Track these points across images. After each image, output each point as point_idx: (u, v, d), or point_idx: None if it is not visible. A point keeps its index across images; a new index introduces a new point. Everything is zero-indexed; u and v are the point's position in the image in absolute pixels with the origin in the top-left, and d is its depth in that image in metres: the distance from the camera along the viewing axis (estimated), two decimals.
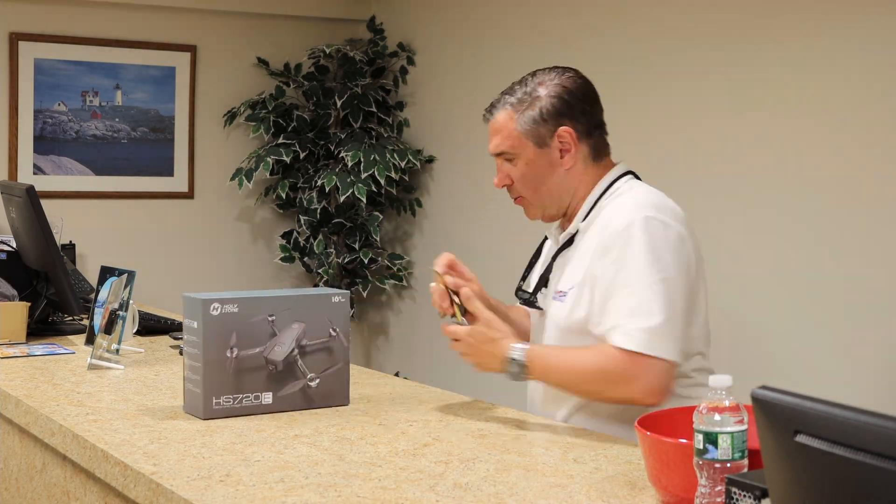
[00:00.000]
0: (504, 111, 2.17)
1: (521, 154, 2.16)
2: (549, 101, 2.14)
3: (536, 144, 2.15)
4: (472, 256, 4.89)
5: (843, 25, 3.39)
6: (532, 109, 2.14)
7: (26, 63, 4.70)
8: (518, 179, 2.18)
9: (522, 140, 2.15)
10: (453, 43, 4.98)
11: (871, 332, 3.33)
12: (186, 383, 2.11)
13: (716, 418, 1.42)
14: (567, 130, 2.14)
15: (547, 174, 2.16)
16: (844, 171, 3.40)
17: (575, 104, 2.16)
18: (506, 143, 2.17)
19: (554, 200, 2.18)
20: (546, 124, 2.14)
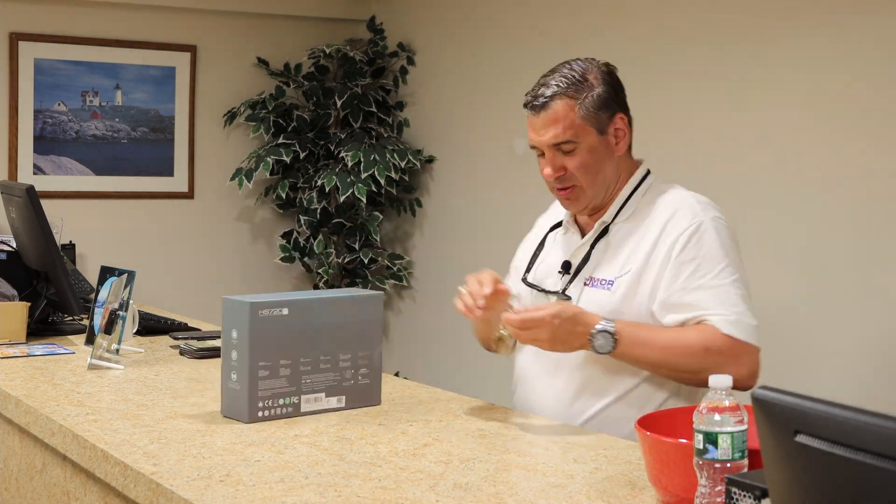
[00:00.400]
0: (561, 101, 2.15)
1: (583, 141, 2.16)
2: (604, 89, 2.17)
3: (598, 131, 2.17)
4: (473, 256, 4.90)
5: (844, 26, 3.39)
6: (590, 98, 2.15)
7: (26, 63, 4.70)
8: (576, 167, 2.16)
9: (586, 127, 2.15)
10: (453, 43, 4.98)
11: (871, 332, 3.33)
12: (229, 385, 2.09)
13: (716, 418, 1.43)
14: (621, 117, 2.19)
15: (605, 160, 2.18)
16: (844, 170, 3.40)
17: (621, 92, 2.22)
18: (569, 132, 2.15)
19: (605, 187, 2.20)
20: (605, 111, 2.17)
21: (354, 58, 5.07)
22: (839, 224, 3.41)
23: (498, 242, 4.80)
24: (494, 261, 5.18)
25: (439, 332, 5.01)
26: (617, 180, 2.21)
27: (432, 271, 5.14)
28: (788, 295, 3.55)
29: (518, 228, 2.59)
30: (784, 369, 3.54)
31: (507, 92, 4.65)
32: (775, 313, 3.58)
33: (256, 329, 2.04)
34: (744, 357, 2.04)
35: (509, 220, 4.62)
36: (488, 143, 4.77)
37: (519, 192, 4.53)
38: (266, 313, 2.05)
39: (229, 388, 2.09)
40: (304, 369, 2.10)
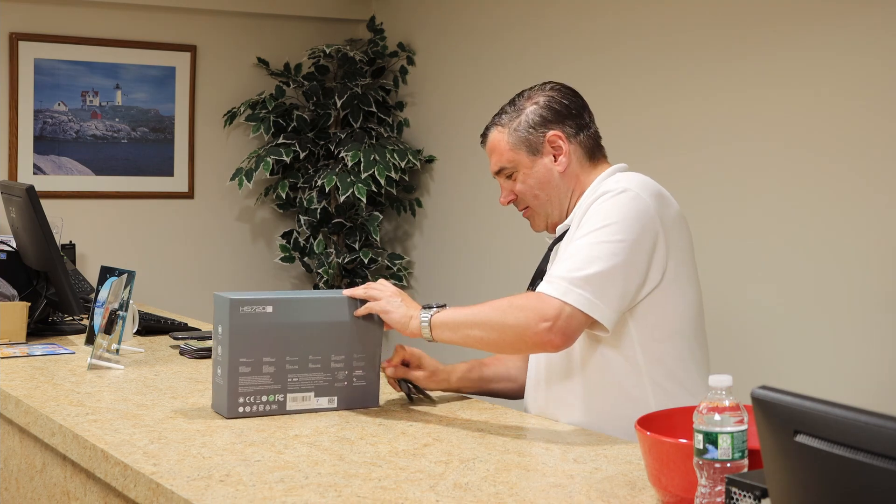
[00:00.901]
0: (495, 130, 2.27)
1: (519, 165, 2.24)
2: (535, 111, 2.24)
3: (530, 152, 2.23)
4: (472, 256, 4.91)
5: (845, 28, 3.40)
6: (518, 122, 2.24)
7: (26, 63, 4.70)
8: (520, 191, 2.25)
9: (516, 152, 2.24)
10: (453, 43, 4.98)
11: (871, 332, 3.33)
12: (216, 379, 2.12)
13: (716, 418, 1.43)
14: (556, 134, 2.22)
15: (545, 179, 2.23)
16: (844, 172, 3.40)
17: (561, 109, 2.24)
18: (503, 159, 2.25)
19: (555, 204, 2.24)
20: (535, 132, 2.22)
21: (354, 58, 5.07)
22: (840, 224, 3.41)
23: (498, 242, 4.82)
24: (494, 260, 5.19)
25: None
26: (570, 193, 2.23)
27: (432, 271, 5.14)
28: (788, 295, 3.55)
29: (518, 228, 2.60)
30: (784, 369, 3.54)
31: (506, 92, 4.63)
32: (775, 313, 3.58)
33: (237, 325, 2.05)
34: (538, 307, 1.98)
35: (509, 220, 4.62)
36: None
37: None
38: (248, 310, 2.06)
39: (215, 383, 2.12)
40: (290, 368, 2.11)
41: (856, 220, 3.37)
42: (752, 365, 3.54)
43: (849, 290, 3.39)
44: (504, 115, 2.27)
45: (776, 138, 3.59)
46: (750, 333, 3.59)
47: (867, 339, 3.34)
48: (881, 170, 3.31)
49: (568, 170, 2.22)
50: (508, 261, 4.57)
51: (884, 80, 3.29)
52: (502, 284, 4.59)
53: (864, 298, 3.35)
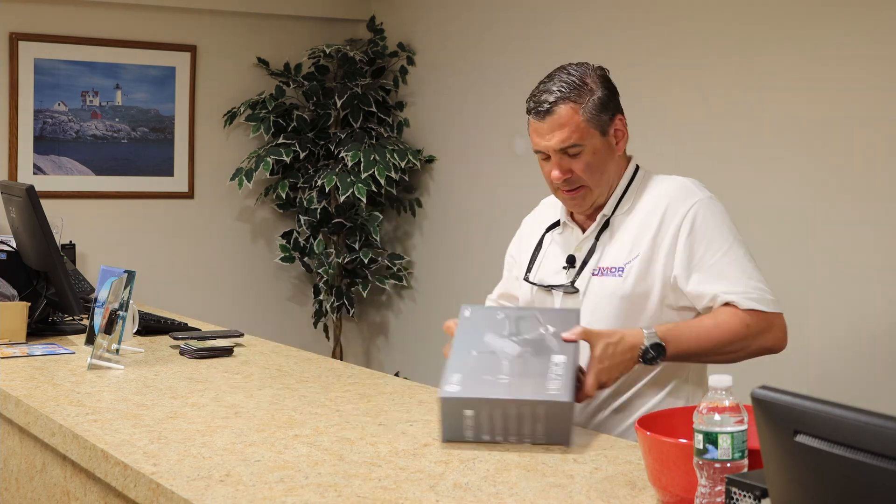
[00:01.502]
0: (566, 105, 2.20)
1: (588, 144, 2.21)
2: (603, 92, 2.23)
3: (601, 133, 2.22)
4: (473, 256, 4.90)
5: (847, 26, 3.40)
6: (591, 101, 2.21)
7: (26, 63, 4.70)
8: (583, 169, 2.22)
9: (590, 130, 2.21)
10: (453, 43, 4.98)
11: (871, 332, 3.33)
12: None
13: (716, 418, 1.43)
14: (621, 118, 2.26)
15: (608, 161, 2.25)
16: (845, 170, 3.40)
17: (616, 94, 2.27)
18: (574, 136, 2.20)
19: (608, 185, 2.27)
20: (606, 113, 2.23)
21: (354, 58, 5.07)
22: (840, 223, 3.41)
23: (498, 242, 4.80)
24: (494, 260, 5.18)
25: (439, 332, 4.99)
26: (617, 177, 2.28)
27: (432, 271, 5.14)
28: (789, 294, 3.55)
29: (518, 228, 2.60)
30: (784, 369, 3.54)
31: (507, 92, 4.65)
32: None
33: None
34: (774, 326, 2.17)
35: (509, 220, 4.61)
36: (488, 143, 4.77)
37: (519, 192, 4.52)
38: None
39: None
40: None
41: (857, 219, 3.37)
42: (752, 365, 3.53)
43: (849, 289, 3.39)
44: (571, 91, 2.21)
45: (774, 136, 3.59)
46: None
47: (868, 338, 3.34)
48: (882, 168, 3.31)
49: (622, 155, 2.28)
50: None
51: (885, 79, 3.29)
52: None
53: (865, 298, 3.35)
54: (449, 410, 1.90)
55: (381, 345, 5.42)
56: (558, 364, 1.97)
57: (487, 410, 1.89)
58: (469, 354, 2.01)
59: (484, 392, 1.90)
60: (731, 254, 2.16)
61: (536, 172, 2.31)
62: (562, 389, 1.90)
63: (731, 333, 2.13)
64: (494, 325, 2.09)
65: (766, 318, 2.15)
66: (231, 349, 2.84)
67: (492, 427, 1.90)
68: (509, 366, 1.97)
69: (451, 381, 1.93)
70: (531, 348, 2.02)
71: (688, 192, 2.21)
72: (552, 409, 1.88)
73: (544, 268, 2.34)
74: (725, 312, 2.13)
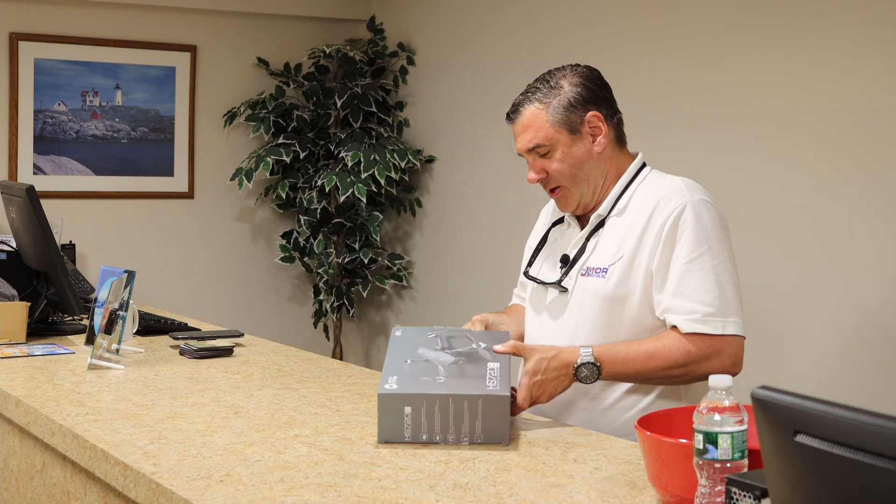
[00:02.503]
0: (531, 106, 2.23)
1: (556, 144, 2.22)
2: (574, 90, 2.22)
3: (570, 132, 2.21)
4: (473, 256, 4.90)
5: (843, 28, 3.40)
6: (559, 99, 2.21)
7: (26, 63, 4.70)
8: (555, 170, 2.23)
9: (556, 130, 2.21)
10: (453, 43, 4.98)
11: (871, 332, 3.33)
12: None
13: (716, 418, 1.43)
14: (595, 114, 2.22)
15: (583, 160, 2.23)
16: (847, 170, 3.40)
17: (596, 90, 2.25)
18: (539, 136, 2.22)
19: (590, 185, 2.25)
20: (576, 111, 2.21)
21: (354, 58, 5.07)
22: (841, 223, 3.41)
23: (498, 242, 4.82)
24: (494, 260, 5.19)
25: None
26: (605, 176, 2.25)
27: (432, 271, 5.14)
28: (789, 294, 3.55)
29: (518, 228, 2.60)
30: (784, 369, 3.54)
31: (506, 92, 4.65)
32: (775, 313, 3.58)
33: None
34: (723, 352, 2.10)
35: (509, 219, 4.62)
36: (488, 143, 4.77)
37: (519, 191, 4.53)
38: None
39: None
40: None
41: (858, 219, 3.37)
42: (752, 365, 3.53)
43: (849, 289, 3.39)
44: (539, 92, 2.23)
45: (776, 133, 3.59)
46: (750, 333, 3.58)
47: (868, 338, 3.34)
48: (884, 169, 3.30)
49: (604, 151, 2.24)
50: (509, 260, 4.57)
51: (880, 79, 3.29)
52: (502, 284, 4.59)
53: (865, 298, 3.35)
54: (387, 408, 1.91)
55: (381, 345, 5.42)
56: (493, 369, 2.00)
57: (426, 407, 1.91)
58: (404, 363, 2.03)
59: (423, 389, 1.93)
60: (698, 262, 2.11)
61: None
62: (499, 387, 1.94)
63: (670, 360, 2.09)
64: (426, 342, 2.11)
65: (712, 343, 2.09)
66: (231, 349, 2.84)
67: (431, 426, 1.91)
68: (445, 370, 2.00)
69: (388, 381, 1.96)
70: (465, 358, 2.05)
71: (678, 192, 2.17)
72: (490, 404, 1.90)
73: (545, 263, 2.36)
74: (670, 337, 2.11)
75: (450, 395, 1.91)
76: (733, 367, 2.11)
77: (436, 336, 2.13)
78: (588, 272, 2.22)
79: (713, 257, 2.12)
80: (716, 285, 2.10)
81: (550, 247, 2.38)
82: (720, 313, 2.10)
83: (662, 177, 2.26)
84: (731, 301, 2.12)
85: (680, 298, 2.10)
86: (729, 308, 2.11)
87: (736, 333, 2.11)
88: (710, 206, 2.17)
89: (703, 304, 2.09)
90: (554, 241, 2.38)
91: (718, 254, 2.13)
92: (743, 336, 2.13)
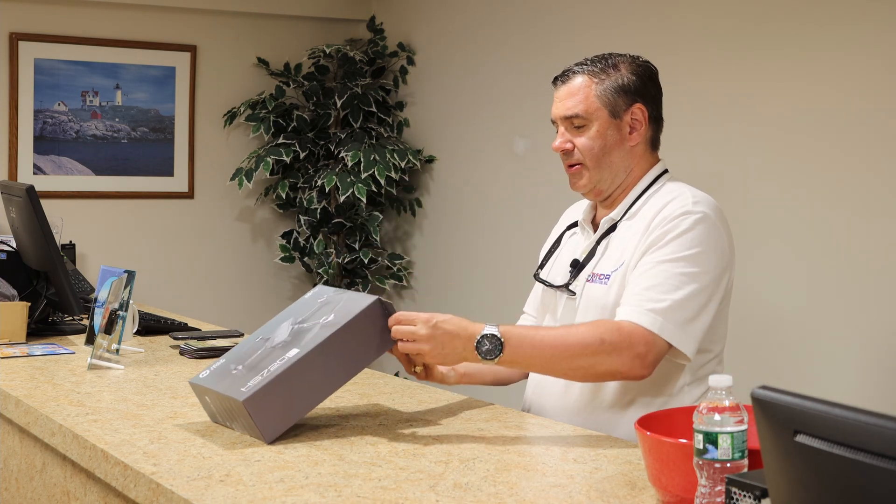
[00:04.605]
0: (583, 77, 2.19)
1: (594, 121, 2.18)
2: (630, 77, 2.19)
3: (611, 114, 2.18)
4: (472, 256, 4.90)
5: (844, 29, 3.40)
6: (612, 80, 2.18)
7: (26, 63, 4.70)
8: (583, 146, 2.18)
9: (598, 107, 2.17)
10: (453, 43, 4.98)
11: (871, 332, 3.33)
12: None
13: (716, 418, 1.43)
14: (640, 108, 2.19)
15: (614, 146, 2.19)
16: (849, 171, 3.40)
17: (650, 86, 2.22)
18: (580, 107, 2.17)
19: (612, 174, 2.20)
20: (624, 97, 2.18)
21: (354, 58, 5.07)
22: (842, 225, 3.41)
23: (498, 242, 4.82)
24: (494, 260, 5.18)
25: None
26: (627, 172, 2.21)
27: (432, 271, 5.14)
28: (789, 295, 3.55)
29: (518, 228, 2.60)
30: (784, 369, 3.54)
31: (507, 92, 4.65)
32: (775, 313, 3.58)
33: None
34: (639, 346, 1.99)
35: (509, 219, 4.62)
36: (488, 143, 4.77)
37: (519, 192, 4.53)
38: None
39: None
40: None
41: (858, 220, 3.37)
42: (752, 365, 3.54)
43: (849, 289, 3.39)
44: (595, 66, 2.18)
45: (780, 135, 3.59)
46: (750, 333, 3.59)
47: (868, 338, 3.34)
48: (887, 170, 3.30)
49: (636, 148, 2.20)
50: (509, 261, 4.57)
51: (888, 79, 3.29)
52: (502, 284, 4.59)
53: (866, 298, 3.35)
54: (197, 394, 2.08)
55: None
56: (284, 360, 1.96)
57: (211, 399, 2.01)
58: (255, 339, 2.09)
59: (211, 383, 2.00)
60: (672, 264, 2.03)
61: (536, 173, 2.32)
62: (250, 387, 1.91)
63: (581, 345, 1.97)
64: (308, 308, 2.09)
65: (635, 336, 1.98)
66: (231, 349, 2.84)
67: (221, 414, 2.01)
68: (254, 357, 2.01)
69: (211, 367, 2.05)
70: (291, 338, 2.02)
71: (682, 201, 2.11)
72: (235, 405, 1.92)
73: (556, 266, 2.33)
74: (587, 324, 2.03)
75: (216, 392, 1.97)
76: (642, 369, 1.99)
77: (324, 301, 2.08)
78: (593, 278, 2.18)
79: (690, 266, 2.04)
80: (676, 289, 2.02)
81: (562, 250, 2.35)
82: (663, 314, 2.00)
83: (678, 186, 2.20)
84: (686, 312, 2.01)
85: (636, 288, 2.04)
86: (677, 316, 2.01)
87: (667, 340, 2.00)
88: (713, 224, 2.09)
89: (652, 300, 2.01)
90: (566, 245, 2.35)
91: (698, 266, 2.05)
92: (673, 346, 2.01)
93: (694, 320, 2.03)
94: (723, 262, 2.10)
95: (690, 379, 2.15)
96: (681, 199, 2.13)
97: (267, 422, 1.89)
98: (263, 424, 1.89)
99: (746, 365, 3.52)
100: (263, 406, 1.89)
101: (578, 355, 1.99)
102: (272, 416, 1.89)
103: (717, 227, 2.10)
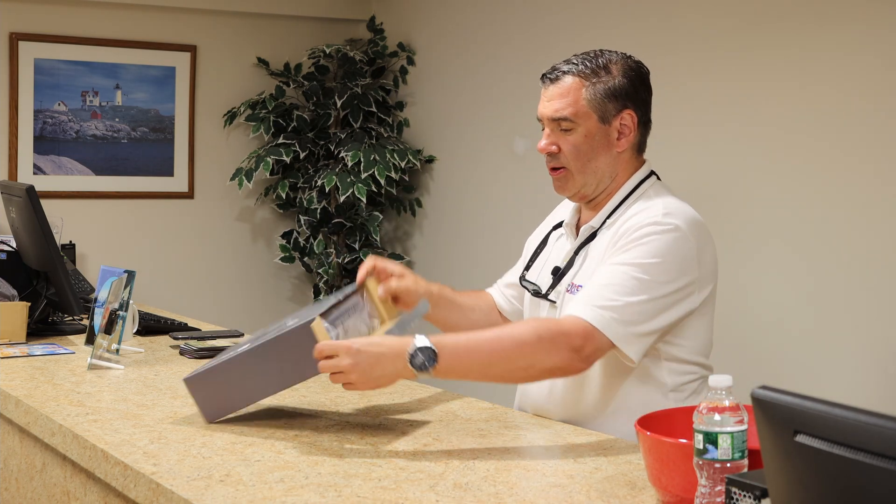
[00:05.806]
0: (574, 77, 2.12)
1: (582, 125, 2.12)
2: (621, 81, 2.13)
3: (600, 119, 2.12)
4: (473, 256, 4.90)
5: (850, 27, 3.40)
6: (603, 83, 2.12)
7: (26, 63, 4.70)
8: (569, 150, 2.13)
9: (587, 111, 2.11)
10: (453, 43, 4.98)
11: (871, 332, 3.33)
12: None
13: (716, 418, 1.43)
14: (630, 114, 2.14)
15: (600, 151, 2.13)
16: (848, 172, 3.40)
17: (641, 90, 2.17)
18: (569, 110, 2.11)
19: (597, 179, 2.15)
20: (615, 102, 2.12)
21: (354, 58, 5.07)
22: (842, 225, 3.41)
23: (498, 242, 4.82)
24: (494, 260, 5.18)
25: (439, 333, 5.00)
26: (613, 177, 2.16)
27: (432, 271, 5.14)
28: (789, 295, 3.55)
29: (518, 228, 2.60)
30: (784, 369, 3.54)
31: (507, 92, 4.65)
32: (775, 314, 3.58)
33: None
34: (575, 339, 1.93)
35: (509, 220, 4.62)
36: (488, 143, 4.77)
37: (519, 192, 4.53)
38: None
39: None
40: None
41: (859, 220, 3.37)
42: (752, 365, 3.54)
43: (849, 289, 3.39)
44: (586, 67, 2.11)
45: (779, 135, 3.59)
46: (750, 333, 3.59)
47: (868, 339, 3.34)
48: (885, 171, 3.30)
49: (623, 153, 2.15)
50: (509, 261, 4.56)
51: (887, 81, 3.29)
52: None
53: (865, 298, 3.35)
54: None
55: None
56: (233, 353, 2.09)
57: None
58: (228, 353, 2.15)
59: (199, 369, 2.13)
60: (629, 268, 1.99)
61: (536, 173, 2.30)
62: (196, 370, 2.10)
63: (517, 343, 1.92)
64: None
65: (573, 329, 1.93)
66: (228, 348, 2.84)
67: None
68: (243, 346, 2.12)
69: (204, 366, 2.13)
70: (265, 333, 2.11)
71: (652, 215, 2.05)
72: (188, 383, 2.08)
73: (542, 269, 2.30)
74: (528, 322, 2.01)
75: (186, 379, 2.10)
76: (579, 362, 1.95)
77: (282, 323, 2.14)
78: (571, 289, 2.14)
79: (644, 274, 1.99)
80: (629, 293, 1.97)
81: (548, 252, 2.31)
82: (611, 311, 1.95)
83: (658, 194, 2.15)
84: (635, 316, 1.96)
85: (590, 288, 2.00)
86: (626, 318, 1.96)
87: (610, 338, 1.95)
88: (682, 236, 2.03)
89: (604, 298, 1.96)
90: (551, 247, 2.31)
91: (652, 276, 1.99)
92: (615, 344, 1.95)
93: (641, 325, 1.98)
94: (687, 275, 2.03)
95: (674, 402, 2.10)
96: (650, 211, 2.07)
97: (204, 402, 2.07)
98: (202, 404, 2.07)
99: (746, 365, 3.52)
100: (201, 388, 2.07)
101: (516, 356, 1.94)
102: (210, 398, 2.06)
103: (686, 239, 2.04)
